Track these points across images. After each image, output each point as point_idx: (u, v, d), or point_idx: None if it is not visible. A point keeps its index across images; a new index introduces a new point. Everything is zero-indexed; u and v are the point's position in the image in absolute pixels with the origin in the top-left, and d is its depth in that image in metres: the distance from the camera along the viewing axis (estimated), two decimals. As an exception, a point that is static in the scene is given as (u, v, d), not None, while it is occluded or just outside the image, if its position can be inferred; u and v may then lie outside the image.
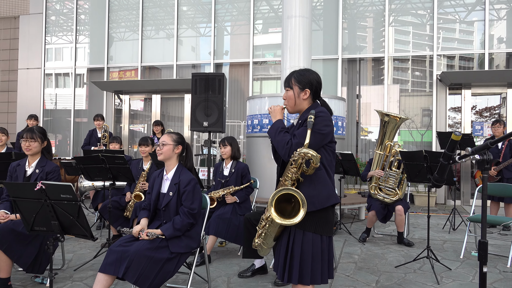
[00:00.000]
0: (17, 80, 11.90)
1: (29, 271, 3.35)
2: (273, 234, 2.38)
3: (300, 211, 2.17)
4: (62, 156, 10.26)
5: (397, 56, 9.69)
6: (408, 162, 4.55)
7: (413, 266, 4.39)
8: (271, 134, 2.44)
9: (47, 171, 3.54)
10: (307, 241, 2.32)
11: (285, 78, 2.54)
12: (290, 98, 2.49)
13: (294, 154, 2.23)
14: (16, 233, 3.22)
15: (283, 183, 2.32)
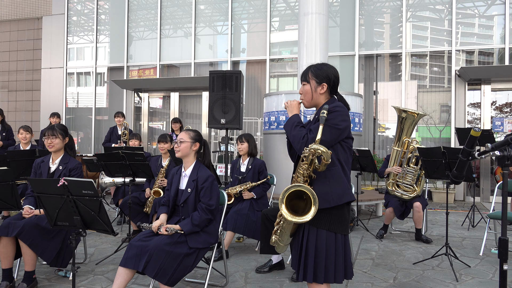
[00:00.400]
0: (41, 79, 12.20)
1: (52, 264, 3.46)
2: (288, 231, 2.35)
3: (312, 209, 2.13)
4: (84, 153, 10.48)
5: (415, 51, 9.57)
6: (426, 159, 4.52)
7: (431, 263, 4.37)
8: (287, 128, 2.40)
9: (70, 168, 3.65)
10: (321, 239, 2.27)
11: (302, 72, 2.49)
12: (307, 92, 2.44)
13: (305, 150, 2.19)
14: (40, 227, 3.34)
15: (296, 180, 2.28)
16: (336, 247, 2.30)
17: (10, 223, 3.31)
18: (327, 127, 2.24)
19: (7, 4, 12.71)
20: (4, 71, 12.71)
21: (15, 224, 3.29)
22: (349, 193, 2.33)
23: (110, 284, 3.62)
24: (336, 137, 2.29)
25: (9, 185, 2.80)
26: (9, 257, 3.38)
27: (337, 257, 2.30)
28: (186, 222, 3.11)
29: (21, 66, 12.57)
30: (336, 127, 2.27)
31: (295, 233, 2.39)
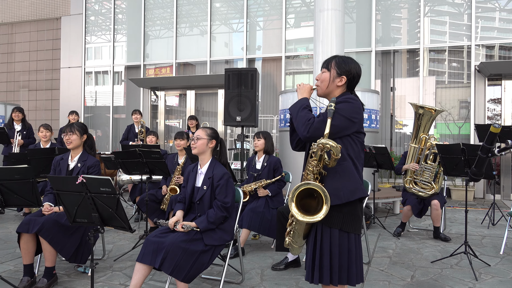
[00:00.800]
0: (60, 78, 12.41)
1: (71, 260, 3.52)
2: (301, 232, 2.27)
3: (323, 207, 2.04)
4: (102, 151, 10.64)
5: (433, 47, 9.42)
6: (445, 155, 4.45)
7: (450, 261, 4.31)
8: (293, 110, 2.30)
9: (88, 165, 3.71)
10: (335, 239, 2.20)
11: (326, 59, 2.40)
12: (324, 79, 2.35)
13: (313, 145, 2.10)
14: (59, 224, 3.40)
15: (305, 178, 2.19)
16: (349, 247, 2.23)
17: (31, 220, 3.38)
18: (338, 115, 2.16)
19: (26, 5, 12.95)
20: (24, 71, 12.97)
21: (36, 221, 3.36)
22: (361, 188, 2.25)
23: (128, 280, 3.67)
24: (345, 127, 2.21)
25: (29, 182, 2.86)
26: (30, 253, 3.45)
27: (350, 258, 2.23)
28: (202, 220, 3.13)
29: (40, 65, 12.81)
30: (347, 117, 2.20)
31: (308, 234, 2.32)
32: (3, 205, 2.91)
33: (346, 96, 2.26)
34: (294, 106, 2.31)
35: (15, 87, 13.12)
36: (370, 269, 4.07)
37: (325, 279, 2.20)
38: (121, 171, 6.05)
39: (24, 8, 13.00)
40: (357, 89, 2.57)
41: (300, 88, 2.39)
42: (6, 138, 6.81)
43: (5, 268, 3.95)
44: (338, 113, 2.16)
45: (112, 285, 3.55)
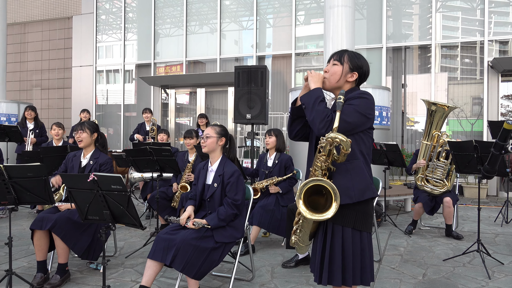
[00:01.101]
0: (71, 77, 12.54)
1: (83, 257, 3.56)
2: (308, 231, 2.19)
3: (333, 205, 1.95)
4: (113, 149, 10.73)
5: (445, 43, 9.30)
6: (457, 153, 4.40)
7: (463, 259, 4.26)
8: (308, 101, 2.12)
9: (100, 163, 3.74)
10: (347, 238, 2.12)
11: (336, 52, 2.28)
12: (335, 73, 2.22)
13: (321, 140, 1.99)
14: (72, 221, 3.44)
15: (313, 174, 2.08)
16: (362, 246, 2.17)
17: (44, 217, 3.43)
18: (354, 111, 2.07)
19: (38, 5, 13.09)
20: (37, 70, 13.12)
21: (49, 217, 3.40)
22: (372, 188, 2.18)
23: (139, 276, 3.70)
24: (361, 124, 2.12)
25: (42, 180, 2.89)
26: (43, 250, 3.50)
27: (364, 257, 2.17)
28: (213, 217, 3.14)
29: (53, 64, 12.94)
30: (363, 113, 2.11)
31: (315, 233, 2.24)
32: (16, 202, 2.95)
33: (360, 92, 2.17)
34: (308, 97, 2.13)
35: (27, 86, 13.28)
36: (381, 267, 4.04)
37: (336, 280, 2.12)
38: (132, 169, 6.10)
39: (36, 8, 13.14)
40: (368, 86, 2.53)
41: (312, 76, 2.20)
42: (19, 136, 6.91)
43: (19, 264, 4.01)
44: (354, 110, 2.08)
45: (124, 282, 3.59)
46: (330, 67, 2.25)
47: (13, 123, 9.02)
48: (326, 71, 2.26)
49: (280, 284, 3.56)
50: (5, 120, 9.20)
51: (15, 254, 4.29)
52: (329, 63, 2.28)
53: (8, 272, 2.90)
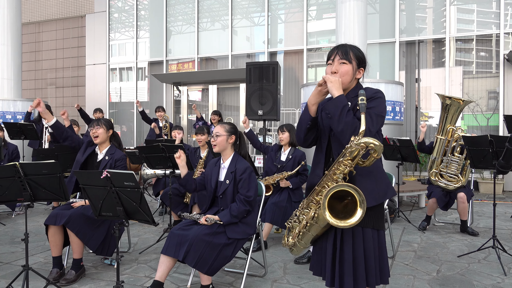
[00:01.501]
0: (85, 75, 12.68)
1: (97, 252, 3.61)
2: (315, 234, 2.09)
3: (358, 211, 1.86)
4: (127, 146, 10.83)
5: (460, 36, 9.16)
6: (472, 148, 4.34)
7: (477, 256, 4.21)
8: (335, 111, 1.94)
9: (116, 159, 3.79)
10: (368, 238, 2.05)
11: (338, 50, 2.11)
12: (346, 73, 2.07)
13: (350, 145, 1.88)
14: (86, 217, 3.49)
15: (331, 177, 1.98)
16: (380, 244, 2.12)
17: (58, 213, 3.48)
18: (375, 115, 1.97)
19: (52, 4, 13.25)
20: (51, 69, 13.30)
21: (63, 213, 3.46)
22: (391, 187, 2.14)
23: (153, 272, 3.73)
24: (380, 126, 2.04)
25: (56, 177, 2.93)
26: (58, 245, 3.56)
27: (382, 255, 2.13)
28: (225, 213, 3.15)
29: (67, 63, 13.11)
30: (381, 115, 2.02)
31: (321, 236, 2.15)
32: (32, 199, 3.00)
33: (374, 91, 2.08)
34: (334, 106, 1.95)
35: (42, 84, 13.47)
36: (395, 263, 4.02)
37: (360, 283, 2.03)
38: (145, 166, 6.14)
39: (50, 7, 13.30)
40: (381, 81, 2.48)
41: (332, 82, 1.97)
42: (35, 134, 7.01)
43: (36, 260, 4.08)
44: (375, 115, 1.99)
45: (138, 277, 3.63)
46: (338, 66, 2.08)
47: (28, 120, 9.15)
48: (335, 71, 2.08)
49: (293, 280, 3.57)
50: (21, 118, 9.35)
51: (31, 250, 4.37)
52: (333, 62, 2.11)
53: (24, 268, 2.95)
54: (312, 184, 2.14)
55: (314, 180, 2.14)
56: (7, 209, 6.25)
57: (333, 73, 2.08)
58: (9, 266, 3.93)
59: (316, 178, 2.13)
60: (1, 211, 6.23)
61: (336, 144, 2.10)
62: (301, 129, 2.14)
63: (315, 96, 2.06)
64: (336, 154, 2.07)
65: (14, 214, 6.13)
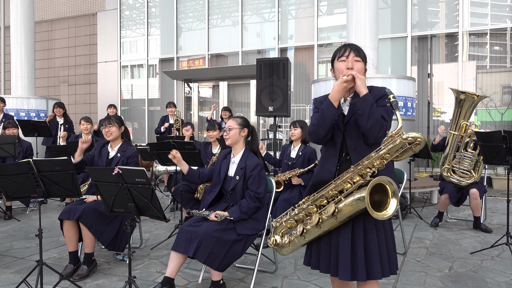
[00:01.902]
0: (97, 73, 12.79)
1: (109, 248, 3.65)
2: (326, 230, 2.07)
3: (391, 202, 1.92)
4: (138, 143, 10.91)
5: (474, 30, 9.02)
6: (485, 143, 4.28)
7: (491, 253, 4.16)
8: (364, 108, 1.97)
9: (127, 156, 3.84)
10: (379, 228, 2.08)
11: (351, 47, 2.14)
12: (361, 70, 2.12)
13: (393, 139, 1.94)
14: (98, 212, 3.53)
15: (359, 171, 2.00)
16: (391, 232, 2.15)
17: (71, 208, 3.53)
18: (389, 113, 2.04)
19: (64, 2, 13.37)
20: (64, 66, 13.44)
21: (76, 208, 3.51)
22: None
23: (164, 268, 3.77)
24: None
25: (69, 174, 2.97)
26: (73, 240, 3.60)
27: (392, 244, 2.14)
28: (235, 209, 3.16)
29: (79, 60, 13.23)
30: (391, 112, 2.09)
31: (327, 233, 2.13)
32: (45, 195, 3.04)
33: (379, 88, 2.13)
34: (364, 103, 1.98)
35: (55, 82, 13.63)
36: (406, 260, 3.99)
37: (376, 273, 2.03)
38: (157, 162, 6.18)
39: (62, 5, 13.43)
40: (392, 76, 2.47)
41: (361, 80, 2.00)
42: (48, 131, 7.11)
43: (50, 255, 4.14)
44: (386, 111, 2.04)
45: (149, 273, 3.66)
46: (354, 63, 2.10)
47: (42, 118, 9.28)
48: (350, 68, 2.09)
49: (303, 276, 3.57)
50: (35, 115, 9.48)
51: (45, 246, 4.43)
52: (347, 58, 2.12)
53: (39, 263, 3.00)
54: (322, 181, 2.13)
55: (324, 176, 2.14)
56: (22, 205, 6.35)
57: (350, 69, 2.08)
58: (24, 261, 4.00)
59: (326, 174, 2.13)
60: (16, 207, 6.33)
61: (352, 139, 2.11)
62: (325, 125, 2.09)
63: (339, 92, 2.06)
64: (352, 149, 2.10)
65: (28, 210, 6.23)
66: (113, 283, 3.44)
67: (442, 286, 3.36)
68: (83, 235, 3.58)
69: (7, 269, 3.77)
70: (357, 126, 2.07)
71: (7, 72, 11.40)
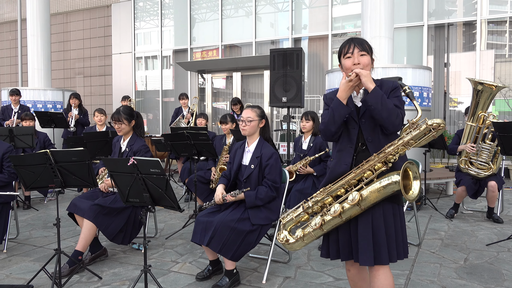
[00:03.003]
0: (112, 64, 12.88)
1: (115, 241, 3.64)
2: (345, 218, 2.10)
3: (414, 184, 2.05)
4: (153, 134, 10.99)
5: (492, 18, 8.81)
6: (503, 134, 4.21)
7: (507, 244, 4.11)
8: (376, 101, 2.03)
9: (134, 151, 3.82)
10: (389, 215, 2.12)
11: (354, 42, 2.16)
12: (368, 64, 2.15)
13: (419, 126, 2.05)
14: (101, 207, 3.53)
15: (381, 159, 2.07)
16: (401, 218, 2.18)
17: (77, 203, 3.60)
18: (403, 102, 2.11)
19: (79, -6, 13.45)
20: (79, 58, 13.57)
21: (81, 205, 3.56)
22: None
23: (179, 257, 3.82)
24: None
25: (85, 164, 3.01)
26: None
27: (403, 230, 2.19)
28: (251, 194, 3.16)
29: (94, 52, 13.34)
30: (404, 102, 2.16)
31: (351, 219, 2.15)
32: (62, 185, 3.10)
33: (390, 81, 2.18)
34: (374, 97, 2.04)
35: (71, 74, 13.78)
36: (421, 251, 3.97)
37: (383, 258, 2.08)
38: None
39: (77, -3, 13.52)
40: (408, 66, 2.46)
41: (366, 76, 2.06)
42: (65, 122, 7.21)
43: (67, 244, 4.22)
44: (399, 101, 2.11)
45: (164, 262, 3.71)
46: (359, 58, 2.13)
47: (58, 110, 9.41)
48: (357, 63, 2.12)
49: (317, 266, 3.58)
50: (51, 107, 9.61)
51: (62, 235, 4.52)
52: (352, 54, 2.14)
53: (57, 251, 3.06)
54: (338, 174, 2.17)
55: (341, 168, 2.18)
56: (40, 195, 6.48)
57: (356, 65, 2.12)
58: (42, 249, 4.09)
59: (343, 166, 2.18)
60: (34, 197, 6.46)
61: (368, 131, 2.16)
62: (335, 122, 2.15)
63: (346, 91, 2.13)
64: (370, 140, 2.15)
65: (46, 200, 6.35)
66: (129, 271, 3.50)
67: (457, 277, 3.33)
68: (81, 232, 3.53)
69: (27, 257, 3.86)
70: (372, 118, 2.13)
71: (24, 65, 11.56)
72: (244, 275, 3.39)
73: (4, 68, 15.13)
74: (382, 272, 2.12)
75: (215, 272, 3.36)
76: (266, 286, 3.18)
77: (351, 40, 2.18)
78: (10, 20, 14.82)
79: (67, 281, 3.22)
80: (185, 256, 3.85)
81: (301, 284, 3.21)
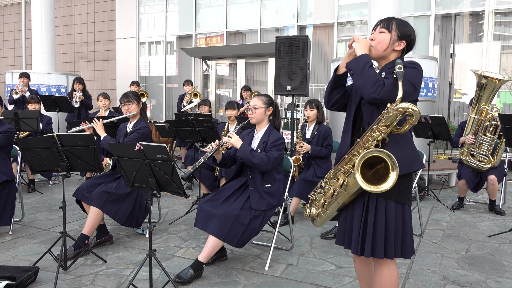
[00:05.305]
0: (116, 49, 12.82)
1: (126, 224, 3.69)
2: (342, 202, 2.14)
3: (390, 176, 1.91)
4: (157, 120, 11.00)
5: (500, 9, 8.71)
6: (508, 126, 4.21)
7: (509, 236, 4.14)
8: (355, 67, 2.02)
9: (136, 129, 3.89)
10: (390, 211, 2.07)
11: (383, 19, 2.17)
12: (383, 41, 2.11)
13: (388, 110, 1.93)
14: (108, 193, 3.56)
15: (363, 145, 2.03)
16: (404, 219, 2.12)
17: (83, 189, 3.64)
18: (405, 80, 1.97)
19: (84, -23, 13.34)
20: (83, 42, 13.51)
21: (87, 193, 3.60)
22: (419, 160, 2.14)
23: (182, 242, 3.85)
24: (410, 94, 2.02)
25: (91, 148, 3.03)
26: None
27: (405, 230, 2.12)
28: (246, 149, 3.17)
29: (98, 37, 13.27)
30: (413, 83, 2.02)
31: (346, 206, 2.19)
32: (68, 169, 3.12)
33: (410, 61, 2.10)
34: (356, 62, 2.03)
35: (75, 58, 13.73)
36: (422, 241, 4.00)
37: (378, 252, 2.08)
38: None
39: (81, -20, 13.40)
40: (414, 56, 2.43)
41: (359, 41, 2.09)
42: (69, 106, 7.21)
43: (72, 227, 4.27)
44: (405, 78, 1.99)
45: (168, 247, 3.75)
46: (377, 34, 2.14)
47: (62, 94, 9.41)
48: (372, 39, 2.14)
49: (319, 254, 3.61)
50: (55, 91, 9.61)
51: (68, 218, 4.56)
52: (374, 31, 2.17)
53: (62, 234, 3.10)
54: (341, 154, 2.19)
55: (343, 149, 2.21)
56: (44, 178, 6.52)
57: (371, 40, 2.15)
58: (47, 232, 4.14)
59: (344, 147, 2.21)
60: (38, 181, 6.50)
61: (368, 113, 2.13)
62: (328, 88, 2.29)
63: (346, 58, 2.16)
64: (368, 123, 2.11)
65: (50, 184, 6.39)
66: (133, 255, 3.54)
67: (458, 268, 3.36)
68: (88, 217, 3.56)
69: (32, 239, 3.91)
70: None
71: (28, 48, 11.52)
72: (247, 262, 3.43)
73: (8, 51, 15.09)
74: (386, 267, 2.13)
75: (218, 258, 3.40)
76: (269, 273, 3.22)
77: (382, 19, 2.20)
78: (14, 3, 14.74)
79: (73, 263, 3.26)
80: (189, 242, 3.89)
81: (303, 271, 3.25)
